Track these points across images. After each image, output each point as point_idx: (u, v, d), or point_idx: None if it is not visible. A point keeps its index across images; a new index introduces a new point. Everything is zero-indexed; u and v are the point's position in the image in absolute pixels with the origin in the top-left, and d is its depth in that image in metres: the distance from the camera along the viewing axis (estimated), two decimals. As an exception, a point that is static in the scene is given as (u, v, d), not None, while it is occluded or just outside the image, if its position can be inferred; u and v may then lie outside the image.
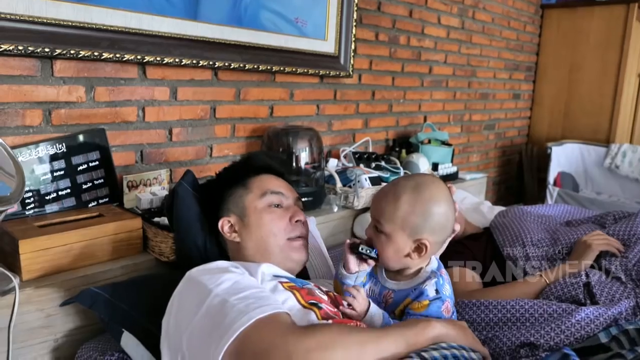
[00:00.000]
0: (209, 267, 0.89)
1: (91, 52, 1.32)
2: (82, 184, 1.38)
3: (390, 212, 0.95)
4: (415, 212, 0.94)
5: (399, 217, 0.94)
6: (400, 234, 0.95)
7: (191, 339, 0.77)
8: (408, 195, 0.95)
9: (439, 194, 0.96)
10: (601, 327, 1.01)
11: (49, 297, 1.12)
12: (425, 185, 0.96)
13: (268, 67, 1.77)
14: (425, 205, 0.94)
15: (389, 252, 0.96)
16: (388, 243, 0.96)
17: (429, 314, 0.91)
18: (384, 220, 0.96)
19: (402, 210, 0.94)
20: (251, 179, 1.15)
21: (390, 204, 0.95)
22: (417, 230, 0.94)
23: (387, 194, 0.98)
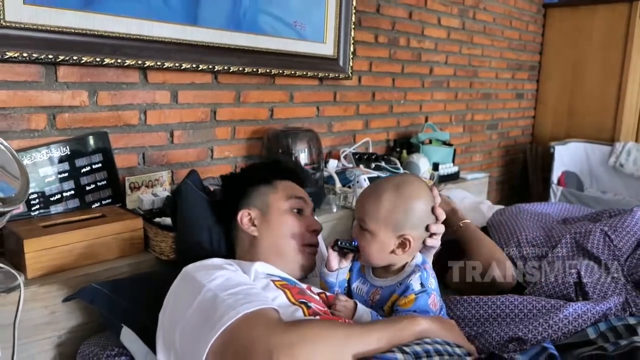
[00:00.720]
0: (204, 263, 0.93)
1: (93, 58, 1.36)
2: (85, 186, 1.42)
3: (373, 210, 0.99)
4: (398, 209, 0.98)
5: (381, 215, 0.98)
6: (383, 231, 0.98)
7: (183, 331, 0.81)
8: (389, 194, 0.99)
9: (419, 191, 1.01)
10: (589, 322, 1.03)
11: (53, 294, 1.16)
12: (406, 184, 1.01)
13: (267, 70, 1.81)
14: (406, 202, 0.99)
15: (374, 250, 0.99)
16: (372, 240, 0.99)
17: (417, 308, 0.94)
18: (368, 218, 0.99)
19: (385, 208, 0.98)
20: (277, 180, 1.19)
21: (373, 203, 0.99)
22: (400, 226, 0.98)
23: (369, 194, 1.02)
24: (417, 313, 0.93)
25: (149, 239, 1.36)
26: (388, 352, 0.76)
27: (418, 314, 0.93)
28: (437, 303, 0.98)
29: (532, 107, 3.77)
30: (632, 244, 1.31)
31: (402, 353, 0.76)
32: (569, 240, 1.36)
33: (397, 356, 0.75)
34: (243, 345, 0.73)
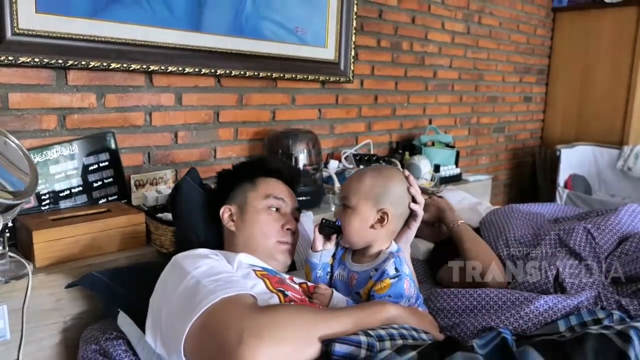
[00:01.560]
0: (192, 253, 1.00)
1: (101, 63, 1.46)
2: (93, 183, 1.51)
3: (355, 187, 1.08)
4: (378, 185, 1.08)
5: (363, 190, 1.07)
6: (364, 204, 1.07)
7: (168, 314, 0.88)
8: (370, 173, 1.11)
9: (397, 175, 1.12)
10: (559, 314, 1.07)
11: (59, 282, 1.25)
12: (385, 169, 1.14)
13: (268, 74, 1.88)
14: (385, 180, 1.09)
15: (355, 224, 1.06)
16: (354, 215, 1.07)
17: (392, 293, 0.99)
18: (351, 194, 1.08)
19: (366, 185, 1.08)
20: (260, 178, 1.24)
21: (356, 182, 1.09)
22: (380, 200, 1.07)
23: (353, 176, 1.12)
24: (392, 298, 0.99)
25: (150, 233, 1.45)
26: (353, 334, 0.82)
27: (392, 299, 0.98)
28: (410, 287, 1.04)
29: (542, 111, 3.78)
30: (613, 241, 1.35)
31: (365, 336, 0.82)
32: (552, 238, 1.40)
33: (361, 338, 0.81)
34: (218, 326, 0.79)
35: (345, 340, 0.80)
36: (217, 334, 0.79)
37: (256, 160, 1.34)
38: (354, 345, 0.80)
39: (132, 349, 1.10)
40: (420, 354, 0.76)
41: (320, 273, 1.11)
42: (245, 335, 0.76)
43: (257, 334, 0.76)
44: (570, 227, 1.41)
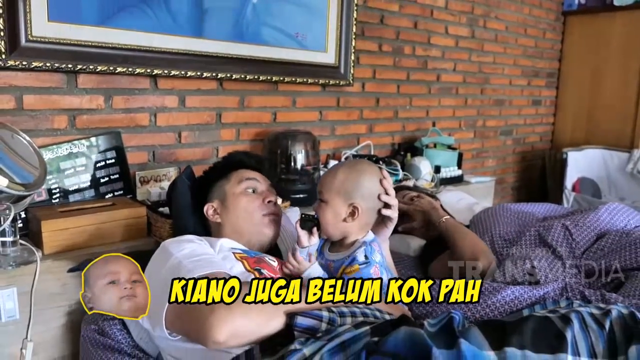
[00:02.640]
0: (179, 238, 1.10)
1: (107, 67, 1.57)
2: (100, 179, 1.63)
3: (329, 182, 1.15)
4: (349, 180, 1.13)
5: (335, 186, 1.13)
6: (336, 199, 1.13)
7: (153, 292, 0.97)
8: (343, 169, 1.16)
9: (369, 169, 1.16)
10: (525, 303, 1.13)
11: (65, 268, 1.35)
12: (359, 164, 1.18)
13: (269, 78, 1.98)
14: (356, 175, 1.14)
15: (329, 217, 1.13)
16: (327, 209, 1.13)
17: (359, 277, 1.06)
18: (324, 189, 1.15)
19: (338, 180, 1.13)
20: (231, 172, 1.35)
21: (329, 177, 1.16)
22: (350, 195, 1.13)
23: (328, 172, 1.19)
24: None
25: (151, 225, 1.55)
26: (316, 309, 0.90)
27: None
28: (379, 273, 1.10)
29: (552, 114, 3.79)
30: (590, 238, 1.40)
31: (328, 311, 0.89)
32: (532, 234, 1.45)
33: (323, 313, 0.88)
34: None
35: (307, 314, 0.88)
36: (193, 307, 0.87)
37: (224, 159, 1.43)
38: (316, 319, 0.87)
39: (126, 328, 1.20)
40: (373, 329, 0.83)
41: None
42: (216, 306, 0.84)
43: (227, 306, 0.85)
44: (550, 224, 1.46)
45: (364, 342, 0.79)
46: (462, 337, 0.77)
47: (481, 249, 1.43)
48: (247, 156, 1.41)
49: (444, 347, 0.76)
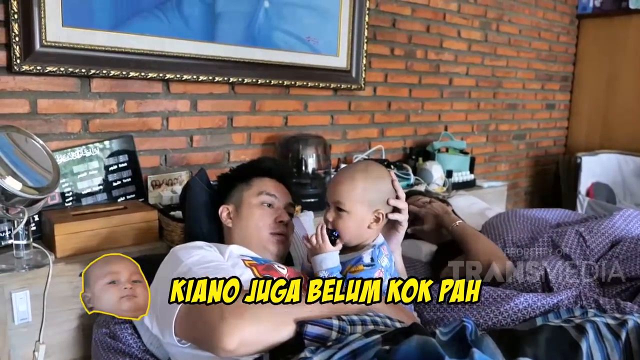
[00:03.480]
0: (188, 245, 1.10)
1: (120, 72, 1.58)
2: (112, 182, 1.64)
3: (348, 191, 1.11)
4: (370, 187, 1.11)
5: (357, 194, 1.10)
6: (360, 208, 1.11)
7: (162, 298, 0.97)
8: (360, 175, 1.12)
9: (383, 172, 1.16)
10: (538, 311, 1.11)
11: (77, 272, 1.35)
12: (372, 168, 1.16)
13: (280, 82, 1.98)
14: (375, 181, 1.13)
15: (352, 226, 1.11)
16: (349, 218, 1.11)
17: (361, 277, 1.06)
18: (344, 199, 1.11)
19: (360, 188, 1.11)
20: (254, 178, 1.34)
21: (348, 186, 1.12)
22: (374, 202, 1.12)
23: (342, 180, 1.14)
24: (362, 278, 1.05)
25: (163, 229, 1.56)
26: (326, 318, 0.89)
27: None
28: (384, 278, 1.09)
29: (566, 118, 3.75)
30: (604, 245, 1.37)
31: (338, 320, 0.89)
32: (545, 240, 1.44)
33: (333, 321, 0.88)
34: (203, 307, 0.88)
35: (318, 322, 0.87)
36: (203, 314, 0.87)
37: (250, 163, 1.43)
38: (326, 328, 0.87)
39: (137, 332, 1.20)
40: (384, 337, 0.83)
41: None
42: (226, 313, 0.84)
43: (237, 312, 0.84)
44: (563, 230, 1.44)
45: (375, 350, 0.79)
46: (475, 347, 0.76)
47: (496, 254, 1.42)
48: (275, 165, 1.40)
49: (456, 357, 0.75)
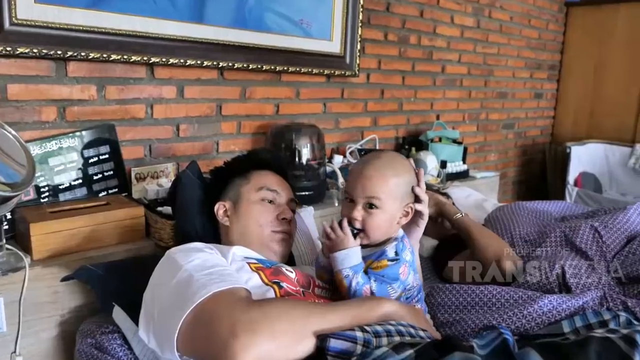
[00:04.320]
0: (186, 247, 0.98)
1: (100, 54, 1.44)
2: (93, 175, 1.50)
3: (381, 186, 1.02)
4: (401, 181, 1.04)
5: (390, 189, 1.02)
6: (391, 204, 1.03)
7: (161, 308, 0.86)
8: (391, 168, 1.04)
9: (408, 164, 1.09)
10: (563, 314, 1.04)
11: (56, 275, 1.23)
12: (398, 159, 1.09)
13: (272, 67, 1.86)
14: (403, 174, 1.06)
15: (384, 224, 1.03)
16: (382, 215, 1.02)
17: (386, 273, 0.98)
18: (379, 195, 1.02)
19: (393, 183, 1.03)
20: (252, 171, 1.23)
21: (380, 180, 1.02)
22: (405, 197, 1.06)
23: (372, 174, 1.03)
24: (385, 278, 0.98)
25: (150, 227, 1.43)
26: (349, 330, 0.80)
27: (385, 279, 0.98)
28: (407, 273, 1.02)
29: (552, 107, 3.72)
30: (621, 241, 1.31)
31: (362, 331, 0.79)
32: (558, 235, 1.37)
33: (357, 334, 0.78)
34: (210, 320, 0.78)
35: (340, 335, 0.77)
36: (210, 328, 0.77)
37: (247, 155, 1.32)
38: (350, 341, 0.77)
39: (127, 343, 1.09)
40: (417, 352, 0.74)
41: None
42: (237, 328, 0.74)
43: (250, 327, 0.74)
44: (576, 225, 1.37)
45: (409, 369, 0.70)
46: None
47: (504, 250, 1.34)
48: (274, 157, 1.29)
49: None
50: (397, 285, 1.00)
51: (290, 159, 1.83)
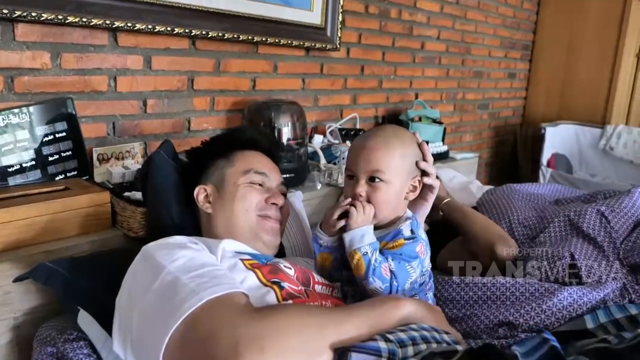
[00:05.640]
0: (166, 241, 0.83)
1: (55, 16, 1.24)
2: (48, 156, 1.31)
3: (386, 158, 0.95)
4: (407, 153, 0.97)
5: (396, 162, 0.95)
6: (399, 177, 0.96)
7: (140, 318, 0.71)
8: (396, 140, 0.97)
9: (412, 136, 1.02)
10: (585, 307, 0.96)
11: (7, 273, 1.06)
12: (401, 131, 1.02)
13: (249, 37, 1.70)
14: (408, 145, 0.98)
15: (392, 199, 0.95)
16: (390, 189, 0.95)
17: (404, 252, 0.90)
18: (384, 168, 0.94)
19: (397, 155, 0.95)
20: (236, 152, 1.10)
21: (385, 152, 0.95)
22: (412, 170, 0.98)
23: (376, 146, 0.95)
24: (403, 256, 0.90)
25: (116, 214, 1.27)
26: (369, 340, 0.68)
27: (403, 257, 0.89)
28: (424, 252, 0.95)
29: (524, 88, 3.70)
30: (628, 225, 1.25)
31: (385, 341, 0.68)
32: (562, 220, 1.29)
33: (380, 345, 0.67)
34: (205, 336, 0.64)
35: (362, 348, 0.66)
36: (205, 346, 0.63)
37: (229, 133, 1.18)
38: (374, 354, 0.66)
39: (95, 352, 0.93)
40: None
41: None
42: (241, 346, 0.61)
43: (256, 344, 0.61)
44: (581, 209, 1.30)
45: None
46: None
47: (497, 233, 1.24)
48: (261, 136, 1.15)
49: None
50: (416, 264, 0.92)
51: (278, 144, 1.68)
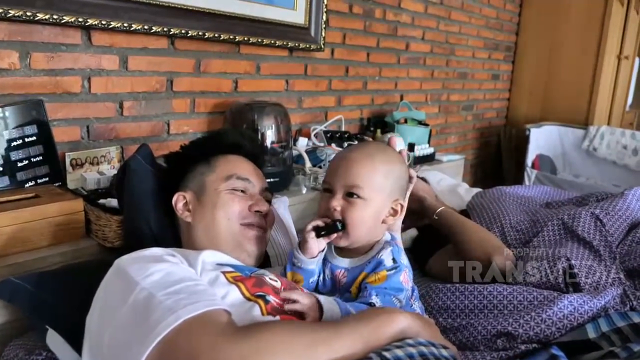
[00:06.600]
0: (141, 254, 0.76)
1: (23, 12, 1.17)
2: (17, 162, 1.24)
3: (368, 173, 0.89)
4: (391, 172, 0.92)
5: (378, 179, 0.89)
6: (379, 197, 0.90)
7: (112, 340, 0.65)
8: (381, 156, 0.91)
9: (399, 157, 0.97)
10: (586, 316, 0.92)
11: (-28, 288, 0.98)
12: (388, 149, 0.97)
13: (231, 37, 1.63)
14: (394, 165, 0.93)
15: (368, 219, 0.89)
16: (367, 208, 0.88)
17: (389, 285, 0.84)
18: (363, 184, 0.88)
19: (381, 173, 0.90)
20: (217, 157, 1.03)
21: (368, 167, 0.89)
22: (394, 191, 0.92)
23: (358, 158, 0.90)
24: (388, 290, 0.84)
25: (90, 223, 1.19)
26: (364, 358, 0.63)
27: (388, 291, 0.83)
28: (408, 280, 0.89)
29: (507, 89, 3.69)
30: (623, 229, 1.22)
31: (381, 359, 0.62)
32: (556, 224, 1.26)
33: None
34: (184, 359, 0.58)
35: (358, 370, 0.60)
36: None
37: (210, 136, 1.12)
38: (371, 377, 0.60)
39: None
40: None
41: (315, 279, 0.91)
42: None
43: None
44: (575, 213, 1.27)
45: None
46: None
47: (493, 244, 1.19)
48: (243, 139, 1.09)
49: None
50: (402, 296, 0.86)
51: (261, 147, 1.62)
